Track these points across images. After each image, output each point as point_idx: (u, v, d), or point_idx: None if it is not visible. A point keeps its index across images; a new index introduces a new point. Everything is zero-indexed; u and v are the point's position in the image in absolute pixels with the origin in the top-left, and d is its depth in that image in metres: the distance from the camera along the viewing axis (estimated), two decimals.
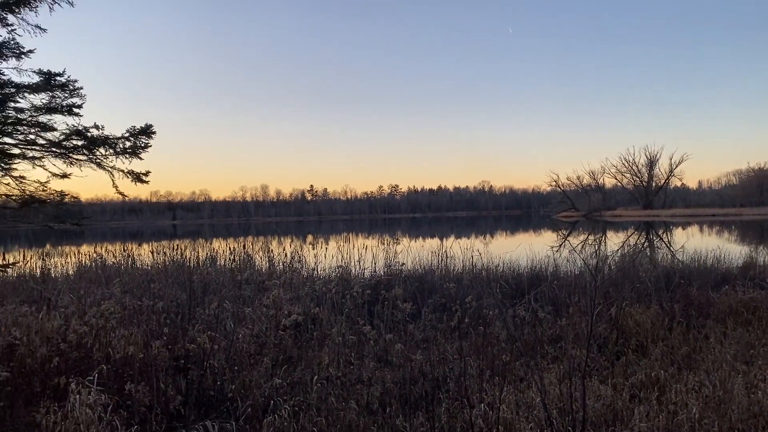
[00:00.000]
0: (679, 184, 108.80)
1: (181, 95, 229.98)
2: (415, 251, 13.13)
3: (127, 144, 7.70)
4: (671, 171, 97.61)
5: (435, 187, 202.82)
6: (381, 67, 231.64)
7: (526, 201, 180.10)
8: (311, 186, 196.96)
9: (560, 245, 22.78)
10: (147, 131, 7.79)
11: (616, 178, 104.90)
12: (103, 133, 7.59)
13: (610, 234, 38.44)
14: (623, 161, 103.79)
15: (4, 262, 9.40)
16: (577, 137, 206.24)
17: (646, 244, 27.59)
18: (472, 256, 12.43)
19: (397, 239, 15.82)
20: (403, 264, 11.10)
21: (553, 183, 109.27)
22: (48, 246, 21.04)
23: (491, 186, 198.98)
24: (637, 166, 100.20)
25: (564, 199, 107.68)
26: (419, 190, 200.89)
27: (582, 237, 34.28)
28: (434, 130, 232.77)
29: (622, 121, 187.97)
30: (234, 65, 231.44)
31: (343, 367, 5.77)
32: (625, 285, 9.24)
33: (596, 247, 22.08)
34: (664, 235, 36.16)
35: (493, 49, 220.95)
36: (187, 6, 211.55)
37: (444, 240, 15.07)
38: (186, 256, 13.41)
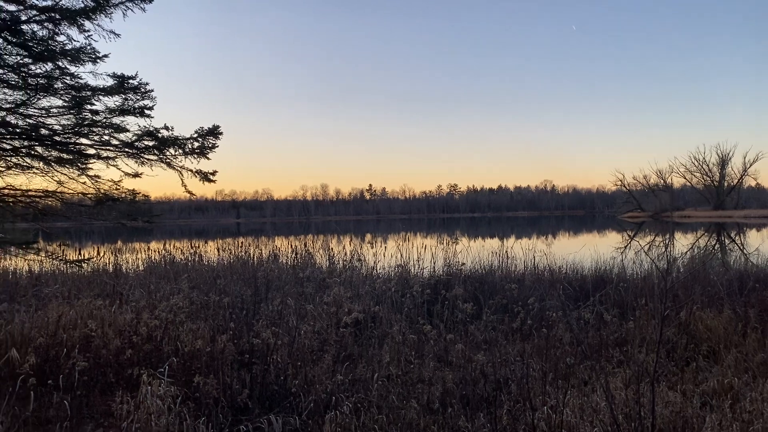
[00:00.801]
0: (753, 183, 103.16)
1: (243, 97, 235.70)
2: (475, 251, 12.99)
3: (196, 144, 7.95)
4: (745, 170, 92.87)
5: (495, 187, 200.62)
6: (439, 65, 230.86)
7: (589, 201, 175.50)
8: (370, 185, 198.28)
9: (626, 246, 22.11)
10: (214, 132, 8.02)
11: (685, 178, 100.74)
12: (172, 133, 7.87)
13: (678, 235, 36.98)
14: (693, 160, 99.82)
15: (80, 258, 9.86)
16: (644, 135, 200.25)
17: (717, 245, 26.41)
18: (534, 257, 12.22)
19: (456, 239, 15.70)
20: (463, 264, 11.01)
21: (618, 182, 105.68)
22: (119, 242, 21.91)
23: (553, 185, 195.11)
24: (707, 165, 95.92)
25: (630, 199, 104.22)
26: (479, 189, 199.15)
27: (649, 238, 33.11)
28: (494, 128, 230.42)
29: (691, 118, 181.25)
30: (295, 67, 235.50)
31: (403, 366, 5.77)
32: (695, 288, 8.88)
33: (664, 249, 21.30)
34: (737, 237, 34.51)
35: (554, 45, 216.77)
36: (249, 8, 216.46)
37: (504, 240, 14.86)
38: (250, 254, 13.72)
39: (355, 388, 5.21)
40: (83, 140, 7.80)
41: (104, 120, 7.66)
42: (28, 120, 7.49)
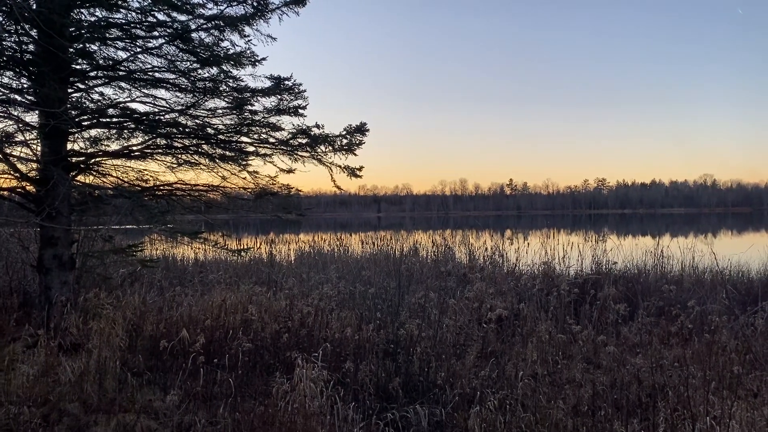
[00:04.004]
0: None
1: (386, 94, 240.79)
2: (626, 250, 12.26)
3: (344, 141, 8.25)
4: None
5: (647, 181, 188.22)
6: (587, 54, 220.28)
7: (757, 197, 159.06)
8: (510, 180, 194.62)
9: None
10: (361, 129, 8.27)
11: None
12: (323, 131, 8.21)
13: None
14: None
15: (240, 248, 10.62)
16: None
17: None
18: (693, 257, 11.33)
19: (604, 236, 14.92)
20: (614, 263, 10.46)
21: None
22: (272, 234, 23.31)
23: (714, 180, 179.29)
24: None
25: None
26: (629, 183, 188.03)
27: None
28: (646, 119, 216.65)
29: None
30: (434, 64, 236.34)
31: (550, 366, 5.61)
32: None
33: None
34: None
35: (715, 32, 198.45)
36: (393, 10, 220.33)
37: (659, 238, 13.88)
38: (392, 246, 14.03)
39: (500, 385, 5.14)
40: (244, 138, 8.38)
41: (262, 119, 8.16)
42: (196, 120, 8.17)
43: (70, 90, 7.57)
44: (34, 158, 7.24)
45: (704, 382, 4.99)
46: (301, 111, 8.14)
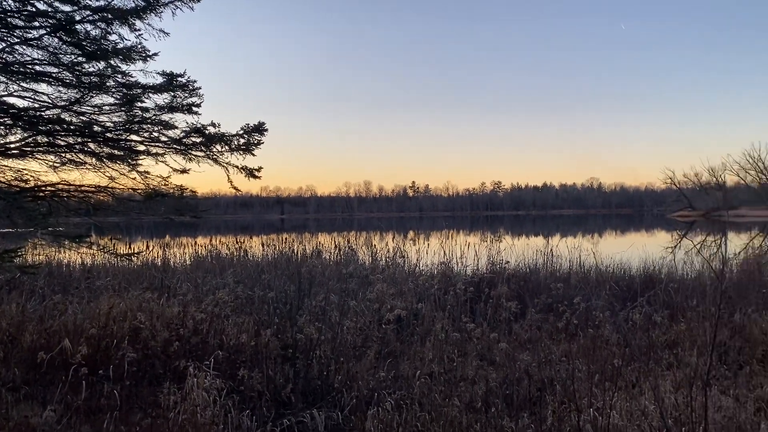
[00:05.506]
0: None
1: (289, 95, 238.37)
2: (519, 249, 12.82)
3: (242, 141, 8.02)
4: None
5: (540, 184, 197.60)
6: (481, 62, 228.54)
7: (638, 199, 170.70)
8: (413, 182, 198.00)
9: (676, 246, 21.46)
10: (260, 129, 8.08)
11: (738, 176, 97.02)
12: (219, 130, 7.95)
13: (731, 235, 35.72)
14: (747, 157, 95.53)
15: (130, 252, 10.11)
16: (695, 132, 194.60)
17: None
18: (580, 256, 11.99)
19: (500, 236, 15.50)
20: (507, 262, 10.88)
21: (668, 180, 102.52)
22: (167, 237, 22.43)
23: (600, 183, 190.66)
24: (763, 163, 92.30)
25: (680, 197, 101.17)
26: (523, 186, 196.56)
27: (700, 237, 32.09)
28: (540, 125, 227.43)
29: (745, 115, 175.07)
30: (338, 66, 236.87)
31: (446, 364, 5.73)
32: (750, 290, 8.56)
33: (717, 249, 20.61)
34: None
35: (601, 41, 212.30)
36: (295, 11, 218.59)
37: (549, 238, 14.60)
38: (294, 250, 13.86)
39: (398, 385, 5.20)
40: (134, 137, 7.97)
41: (153, 117, 7.80)
42: (81, 117, 7.69)
43: None
44: None
45: (588, 375, 5.27)
46: (195, 109, 7.84)
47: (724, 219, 75.55)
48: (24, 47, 7.12)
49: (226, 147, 8.00)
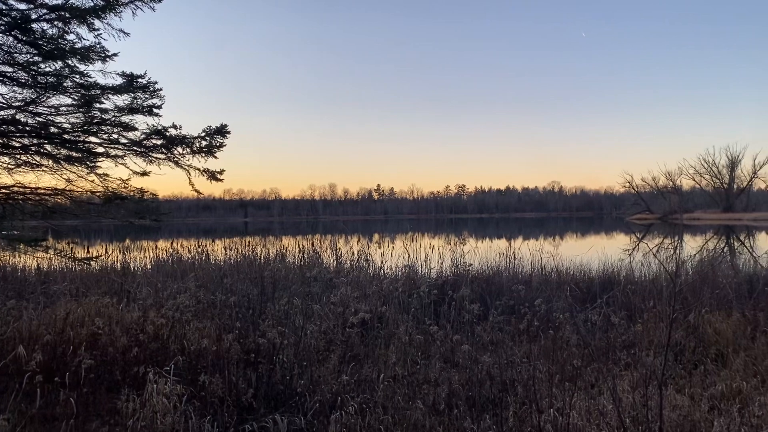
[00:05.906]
0: (763, 186, 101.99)
1: (253, 97, 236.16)
2: (483, 252, 12.96)
3: (203, 143, 7.96)
4: (755, 172, 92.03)
5: (503, 188, 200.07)
6: (448, 65, 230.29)
7: (597, 202, 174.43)
8: (378, 185, 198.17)
9: (634, 248, 22.00)
10: (222, 131, 8.02)
11: (694, 180, 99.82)
12: (180, 132, 7.87)
13: (687, 237, 36.78)
14: (702, 162, 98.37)
15: (88, 256, 9.90)
16: (652, 137, 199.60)
17: (726, 248, 26.23)
18: (542, 258, 12.18)
19: (464, 239, 15.65)
20: (471, 265, 10.98)
21: (627, 184, 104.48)
22: (127, 241, 21.99)
23: (561, 187, 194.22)
24: (717, 168, 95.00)
25: (638, 201, 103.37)
26: (487, 190, 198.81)
27: (657, 240, 32.93)
28: (503, 129, 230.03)
29: (701, 121, 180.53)
30: (302, 68, 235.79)
31: (409, 367, 5.76)
32: (703, 291, 8.82)
33: (673, 251, 21.17)
34: (747, 240, 34.25)
35: (562, 46, 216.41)
36: (260, 11, 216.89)
37: (512, 241, 14.81)
38: (257, 253, 13.74)
39: (361, 389, 5.20)
40: (92, 138, 7.82)
41: (113, 118, 7.67)
42: (37, 118, 7.51)
43: None
44: None
45: (549, 376, 5.36)
46: (156, 110, 7.75)
47: (680, 222, 77.74)
48: None
49: (188, 149, 7.92)
